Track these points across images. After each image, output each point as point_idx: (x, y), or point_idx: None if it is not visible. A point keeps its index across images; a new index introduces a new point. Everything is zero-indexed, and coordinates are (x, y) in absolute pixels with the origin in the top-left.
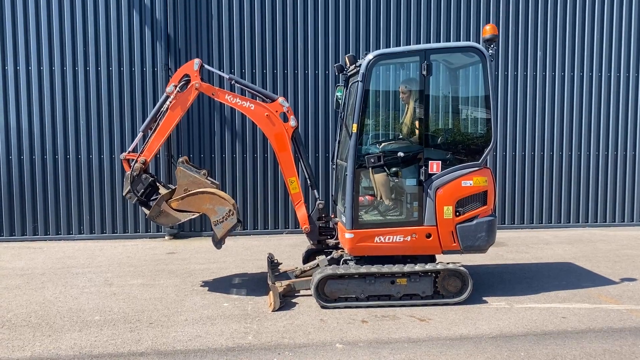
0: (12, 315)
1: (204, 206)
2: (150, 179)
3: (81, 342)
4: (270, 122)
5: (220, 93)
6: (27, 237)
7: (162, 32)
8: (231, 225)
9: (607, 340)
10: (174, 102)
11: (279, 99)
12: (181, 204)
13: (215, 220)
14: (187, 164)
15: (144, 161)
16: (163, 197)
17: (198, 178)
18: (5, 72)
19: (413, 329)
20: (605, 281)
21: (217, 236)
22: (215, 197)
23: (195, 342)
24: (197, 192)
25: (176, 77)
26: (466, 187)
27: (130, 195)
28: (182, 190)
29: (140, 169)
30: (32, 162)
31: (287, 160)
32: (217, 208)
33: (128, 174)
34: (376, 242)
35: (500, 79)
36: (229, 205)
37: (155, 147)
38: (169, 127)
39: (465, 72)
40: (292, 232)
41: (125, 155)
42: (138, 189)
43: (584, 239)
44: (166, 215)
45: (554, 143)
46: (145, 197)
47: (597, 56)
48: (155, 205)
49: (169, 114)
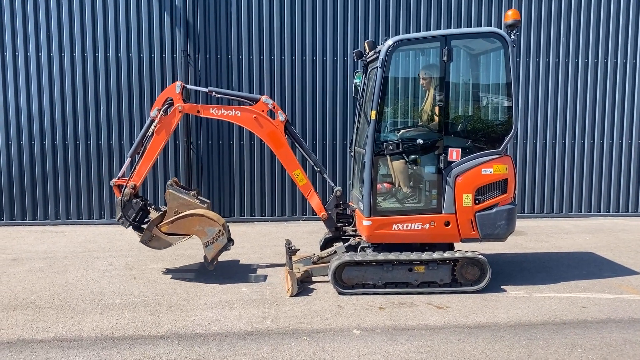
0: (36, 297)
1: (193, 228)
2: (141, 203)
3: (103, 324)
4: (259, 123)
5: (203, 109)
6: (49, 221)
7: (181, 18)
8: (222, 245)
9: (628, 331)
10: (159, 126)
11: (262, 98)
12: (171, 228)
13: (205, 242)
14: (177, 186)
15: (134, 186)
16: (153, 222)
17: (187, 199)
18: (28, 58)
19: (431, 316)
20: (627, 271)
21: (208, 257)
22: (204, 218)
23: (214, 325)
24: (186, 214)
25: (159, 101)
26: (486, 175)
27: (123, 221)
28: (172, 213)
29: (131, 194)
30: (54, 147)
31: (286, 155)
32: (206, 229)
33: (119, 199)
34: (394, 229)
35: (521, 65)
36: (218, 225)
37: (144, 171)
38: (156, 151)
39: (486, 58)
40: (309, 219)
41: (115, 182)
42: (129, 214)
43: (605, 229)
44: (157, 239)
45: (576, 131)
46: (138, 220)
47: (622, 43)
48: (146, 230)
49: (155, 138)
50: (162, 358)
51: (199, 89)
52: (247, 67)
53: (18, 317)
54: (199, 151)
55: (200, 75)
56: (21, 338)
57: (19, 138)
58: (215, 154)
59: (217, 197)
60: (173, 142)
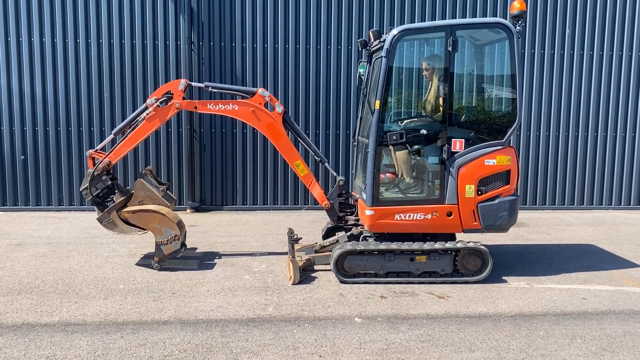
0: (40, 282)
1: (152, 224)
2: (109, 182)
3: (106, 309)
4: (257, 116)
5: (201, 105)
6: (53, 207)
7: (185, 6)
8: (174, 249)
9: (628, 322)
10: (153, 114)
11: (258, 91)
12: (131, 217)
13: (160, 241)
14: (150, 177)
15: (109, 162)
16: (115, 206)
17: (155, 194)
18: (32, 44)
19: (432, 305)
20: (628, 264)
21: (157, 257)
22: (165, 218)
23: (217, 312)
24: (149, 209)
25: (160, 91)
26: (489, 166)
27: (86, 193)
28: (136, 201)
29: (103, 169)
30: (58, 133)
31: (286, 146)
32: (164, 230)
33: (90, 171)
34: (396, 219)
35: (526, 56)
36: (175, 229)
37: (123, 152)
38: (142, 136)
39: (491, 49)
40: (311, 208)
41: (92, 153)
42: (97, 187)
43: (607, 221)
44: (113, 224)
45: (579, 124)
46: (101, 197)
47: (629, 35)
48: (105, 211)
49: (145, 124)
50: (165, 343)
51: (195, 84)
52: (251, 55)
53: (22, 301)
54: (202, 139)
55: (204, 63)
56: (26, 322)
57: (23, 124)
58: (218, 142)
59: (220, 185)
60: (176, 129)
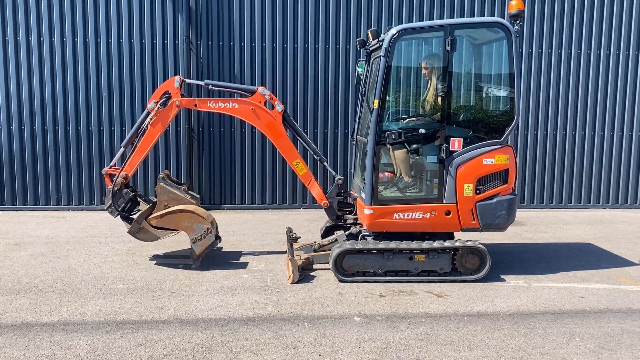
0: (39, 281)
1: (182, 224)
2: (131, 193)
3: (106, 308)
4: (257, 115)
5: (201, 103)
6: (51, 206)
7: (183, 5)
8: (209, 242)
9: (626, 321)
10: (155, 118)
11: (258, 89)
12: (160, 222)
13: (193, 238)
14: (168, 179)
15: (125, 176)
16: (142, 215)
17: (178, 194)
18: (30, 42)
19: (431, 304)
20: (625, 262)
21: (196, 253)
22: (194, 215)
23: (217, 311)
24: (176, 210)
25: (157, 93)
26: (487, 165)
27: (112, 210)
28: (162, 206)
29: (122, 184)
30: (56, 133)
31: (285, 145)
32: (195, 226)
33: (109, 188)
34: (395, 218)
35: (524, 56)
36: (206, 223)
37: (136, 162)
38: (150, 142)
39: (489, 48)
40: (310, 207)
41: (107, 170)
42: (119, 204)
43: (604, 220)
44: (145, 232)
45: (577, 123)
46: (127, 211)
47: (626, 34)
48: (135, 222)
49: (150, 130)
50: (165, 342)
51: (195, 82)
52: (249, 55)
53: (22, 300)
54: (200, 138)
55: (202, 62)
56: (25, 321)
57: (21, 123)
58: (217, 141)
59: (218, 184)
60: (175, 129)
